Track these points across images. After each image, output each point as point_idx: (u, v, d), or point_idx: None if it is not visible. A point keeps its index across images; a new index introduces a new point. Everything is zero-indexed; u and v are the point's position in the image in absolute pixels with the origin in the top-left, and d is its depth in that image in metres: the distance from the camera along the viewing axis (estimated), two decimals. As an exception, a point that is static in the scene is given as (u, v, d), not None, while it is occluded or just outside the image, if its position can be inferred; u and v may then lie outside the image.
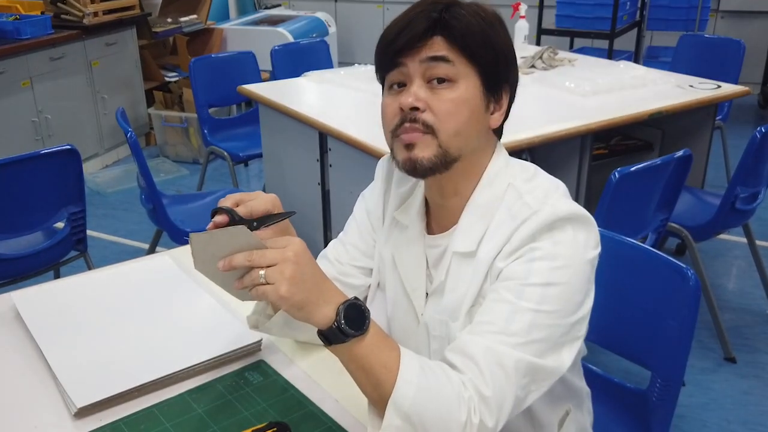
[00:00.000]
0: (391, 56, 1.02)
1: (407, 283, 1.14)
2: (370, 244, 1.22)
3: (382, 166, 1.23)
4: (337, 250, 1.24)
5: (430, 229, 1.14)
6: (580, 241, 0.99)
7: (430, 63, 1.00)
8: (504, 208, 1.04)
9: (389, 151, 1.08)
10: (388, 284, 1.18)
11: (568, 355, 0.98)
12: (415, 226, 1.14)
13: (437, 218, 1.13)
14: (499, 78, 1.05)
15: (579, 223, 1.00)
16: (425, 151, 1.01)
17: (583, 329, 1.01)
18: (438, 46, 1.00)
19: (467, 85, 1.02)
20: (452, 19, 1.00)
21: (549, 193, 1.03)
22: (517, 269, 0.98)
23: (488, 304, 0.99)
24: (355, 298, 0.93)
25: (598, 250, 1.02)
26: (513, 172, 1.07)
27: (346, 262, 1.23)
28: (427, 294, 1.13)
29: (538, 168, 1.11)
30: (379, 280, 1.21)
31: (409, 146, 1.01)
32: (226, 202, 0.99)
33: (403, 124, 1.01)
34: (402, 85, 1.03)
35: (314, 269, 0.92)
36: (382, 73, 1.07)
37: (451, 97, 1.01)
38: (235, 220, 0.97)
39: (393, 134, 1.03)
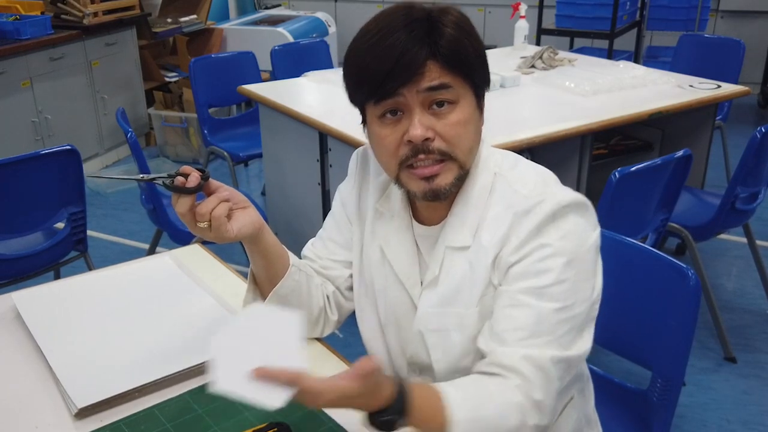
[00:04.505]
0: (385, 89, 0.98)
1: (400, 272, 1.14)
2: (347, 237, 1.23)
3: (355, 159, 1.24)
4: (316, 246, 1.27)
5: (417, 216, 1.14)
6: (583, 228, 1.02)
7: (430, 92, 0.98)
8: (497, 198, 1.05)
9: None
10: (376, 279, 1.18)
11: (589, 336, 1.04)
12: (401, 216, 1.15)
13: (422, 208, 1.13)
14: (485, 83, 1.06)
15: (578, 209, 1.02)
16: (447, 177, 1.02)
17: (598, 307, 1.05)
18: (435, 73, 0.98)
19: (466, 103, 1.02)
20: (442, 39, 0.97)
21: (543, 182, 1.05)
22: (529, 269, 1.00)
23: (508, 311, 1.00)
24: (399, 389, 0.90)
25: (598, 229, 1.05)
26: (495, 161, 1.09)
27: (325, 256, 1.25)
28: (421, 282, 1.13)
29: (518, 155, 1.13)
30: (363, 278, 1.21)
31: (429, 178, 1.01)
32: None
33: (417, 155, 1.00)
34: (395, 112, 1.01)
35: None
36: (366, 102, 1.03)
37: (457, 120, 1.00)
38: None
39: (401, 166, 1.02)
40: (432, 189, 1.02)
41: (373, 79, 0.98)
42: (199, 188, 1.03)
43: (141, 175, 1.05)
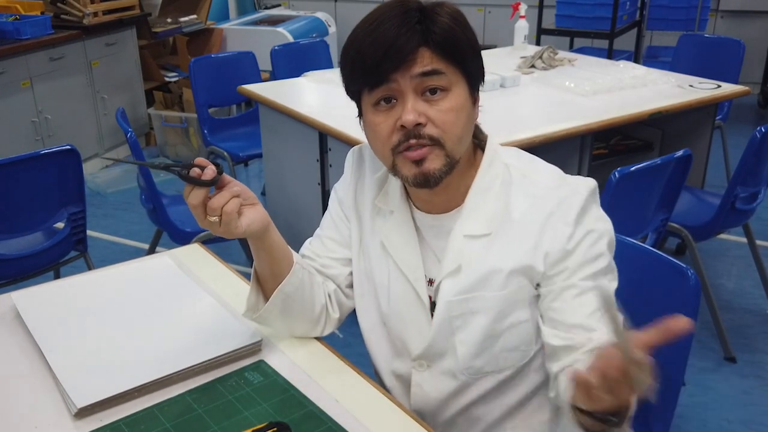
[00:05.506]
0: (378, 75, 1.01)
1: (403, 265, 1.15)
2: (345, 234, 1.25)
3: (351, 157, 1.26)
4: (314, 245, 1.28)
5: (420, 206, 1.15)
6: (600, 207, 1.11)
7: (422, 78, 1.00)
8: (516, 188, 1.09)
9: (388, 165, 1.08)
10: (377, 273, 1.19)
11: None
12: (401, 211, 1.16)
13: (424, 198, 1.14)
14: (479, 75, 1.08)
15: (596, 191, 1.10)
16: (435, 162, 1.03)
17: None
18: (428, 60, 1.00)
19: (459, 91, 1.04)
20: (435, 27, 1.00)
21: (554, 170, 1.12)
22: (586, 257, 1.05)
23: (579, 300, 1.04)
24: None
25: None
26: (506, 153, 1.14)
27: (324, 255, 1.26)
28: (425, 276, 1.14)
29: (518, 149, 1.17)
30: (363, 273, 1.22)
31: (419, 162, 1.03)
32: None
33: (408, 140, 1.02)
34: (388, 100, 1.03)
35: None
36: (362, 90, 1.05)
37: (449, 107, 1.02)
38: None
39: (394, 151, 1.04)
40: (422, 173, 1.03)
41: (368, 66, 1.00)
42: (215, 182, 1.03)
43: (158, 162, 1.06)
